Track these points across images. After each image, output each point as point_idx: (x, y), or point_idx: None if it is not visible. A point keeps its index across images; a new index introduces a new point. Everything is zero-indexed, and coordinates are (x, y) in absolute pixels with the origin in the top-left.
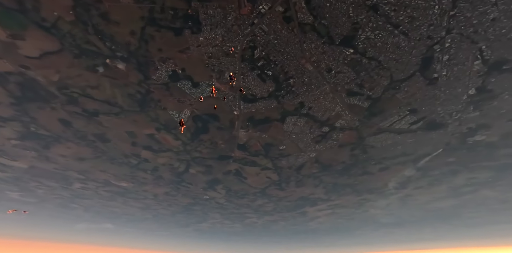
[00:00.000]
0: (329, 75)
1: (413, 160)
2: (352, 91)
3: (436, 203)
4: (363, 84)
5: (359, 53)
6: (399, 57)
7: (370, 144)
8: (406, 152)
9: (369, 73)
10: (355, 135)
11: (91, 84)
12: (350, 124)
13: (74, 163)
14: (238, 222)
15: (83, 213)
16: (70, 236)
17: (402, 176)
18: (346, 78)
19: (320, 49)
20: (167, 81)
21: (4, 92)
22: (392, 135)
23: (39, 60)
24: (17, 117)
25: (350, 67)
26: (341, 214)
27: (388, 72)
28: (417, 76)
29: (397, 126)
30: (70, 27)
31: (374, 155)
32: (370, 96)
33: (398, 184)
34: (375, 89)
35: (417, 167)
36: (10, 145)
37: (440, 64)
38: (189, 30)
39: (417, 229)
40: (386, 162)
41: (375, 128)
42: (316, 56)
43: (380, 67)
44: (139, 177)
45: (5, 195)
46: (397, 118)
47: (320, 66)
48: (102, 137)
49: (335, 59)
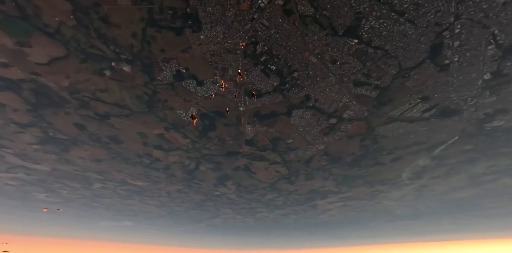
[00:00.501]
0: (334, 67)
1: (427, 149)
2: (359, 81)
3: (454, 193)
4: (370, 74)
5: (364, 43)
6: (407, 45)
7: (381, 133)
8: (420, 141)
9: (375, 62)
10: (364, 125)
11: (100, 88)
12: (359, 115)
13: (92, 164)
14: (250, 217)
15: (104, 212)
16: (95, 234)
17: (416, 166)
18: (352, 68)
19: (323, 41)
20: (172, 81)
21: (19, 100)
22: (404, 123)
23: (49, 66)
24: (35, 123)
25: (356, 58)
26: (353, 206)
27: (396, 61)
28: (427, 63)
29: (409, 115)
30: (73, 32)
31: (386, 145)
32: (378, 86)
33: (413, 174)
34: (383, 79)
35: (432, 156)
36: (31, 149)
37: (451, 51)
38: (190, 29)
39: (434, 221)
40: (399, 151)
41: (385, 117)
42: (320, 48)
43: (387, 56)
44: (152, 176)
45: (33, 196)
46: (408, 107)
47: (324, 58)
48: (115, 139)
49: (339, 50)
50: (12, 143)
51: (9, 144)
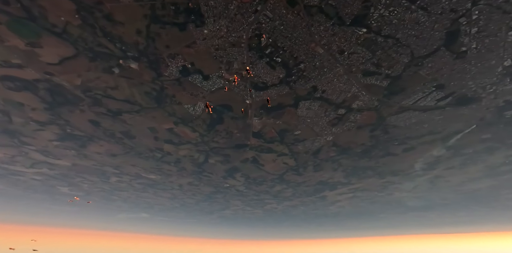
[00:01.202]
0: (342, 57)
1: (442, 139)
2: (368, 71)
3: (471, 184)
4: (380, 64)
5: (373, 32)
6: (420, 33)
7: (392, 123)
8: (434, 130)
9: (386, 51)
10: (374, 115)
11: (110, 85)
12: (369, 105)
13: (108, 159)
14: (259, 208)
15: (122, 204)
16: (114, 225)
17: (430, 156)
18: (361, 58)
19: (330, 31)
20: (179, 76)
21: (37, 99)
22: (417, 113)
23: (60, 66)
24: (53, 121)
25: (365, 47)
26: (363, 197)
27: (408, 49)
28: (442, 51)
29: (422, 103)
30: (80, 31)
31: (397, 135)
32: (389, 75)
33: (426, 165)
34: (394, 68)
35: (447, 145)
36: (52, 146)
37: (469, 37)
38: (193, 24)
39: (450, 213)
40: (411, 141)
41: (397, 107)
42: (326, 38)
43: (398, 44)
44: (164, 169)
45: (57, 189)
46: (422, 96)
47: (331, 49)
48: (128, 134)
49: (347, 40)
50: (34, 140)
51: (31, 141)
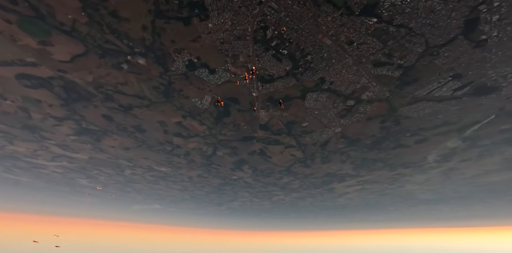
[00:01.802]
0: (351, 48)
1: (458, 130)
2: (379, 61)
3: (487, 176)
4: (392, 54)
5: (385, 21)
6: (435, 22)
7: (404, 114)
8: (449, 121)
9: (398, 41)
10: (385, 106)
11: (120, 81)
12: (379, 96)
13: (122, 152)
14: (266, 200)
15: (136, 196)
16: (130, 216)
17: (445, 148)
18: (371, 49)
19: (338, 22)
20: (185, 71)
21: (53, 96)
22: (431, 103)
23: (72, 63)
24: (69, 116)
25: (375, 37)
26: (372, 190)
27: (423, 39)
28: (460, 39)
29: (437, 94)
30: (87, 28)
31: (409, 126)
32: (401, 65)
33: (440, 157)
34: (407, 58)
35: (463, 137)
36: (70, 140)
37: (489, 25)
38: (197, 18)
39: (463, 206)
40: (425, 133)
41: (410, 98)
42: (334, 29)
43: (412, 34)
44: (174, 162)
45: (77, 182)
46: (437, 86)
47: (339, 40)
48: (139, 128)
49: (356, 30)
50: (53, 135)
51: (51, 135)
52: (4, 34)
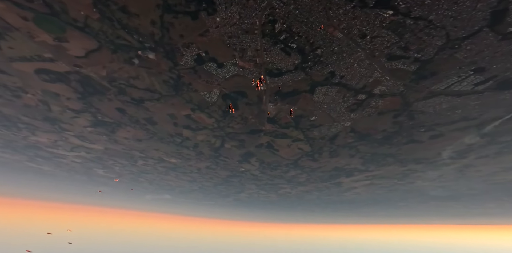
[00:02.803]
0: (364, 41)
1: (477, 125)
2: (394, 55)
3: (505, 174)
4: (408, 47)
5: (401, 14)
6: (458, 13)
7: (419, 109)
8: (468, 116)
9: (415, 34)
10: (398, 100)
11: (132, 75)
12: (393, 90)
13: (135, 144)
14: (273, 192)
15: (148, 186)
16: (142, 205)
17: (461, 144)
18: (386, 42)
19: (350, 15)
20: (194, 65)
21: (70, 89)
22: (449, 98)
23: (86, 58)
24: (86, 109)
25: (390, 30)
26: (381, 185)
27: (443, 31)
28: (485, 32)
29: (457, 88)
30: (100, 24)
31: (424, 121)
32: (418, 59)
33: (455, 153)
34: (425, 51)
35: (482, 133)
36: (87, 132)
37: None
38: (205, 12)
39: (477, 204)
40: (440, 128)
41: (426, 92)
42: (346, 22)
43: (431, 26)
44: (184, 154)
45: (94, 171)
46: (457, 80)
47: (351, 33)
48: (151, 120)
49: (370, 23)
50: (72, 126)
51: (69, 127)
52: (21, 31)
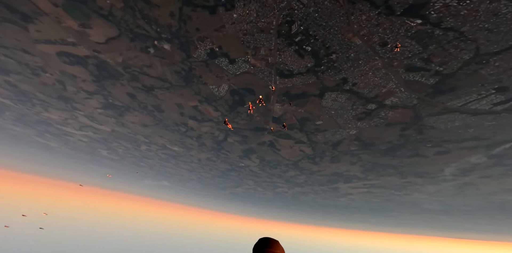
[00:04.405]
0: (383, 50)
1: (486, 146)
2: (413, 66)
3: (504, 194)
4: (431, 59)
5: (431, 24)
6: (495, 26)
7: (430, 124)
8: (480, 136)
9: (442, 46)
10: (410, 113)
11: (146, 63)
12: (405, 103)
13: (141, 129)
14: (270, 190)
15: (148, 171)
16: (139, 190)
17: (466, 162)
18: (407, 52)
19: (374, 21)
20: (206, 58)
21: (87, 72)
22: (464, 115)
23: (106, 45)
24: (99, 91)
25: (415, 40)
26: (378, 194)
27: (473, 45)
28: None
29: (474, 106)
30: (122, 13)
31: (433, 137)
32: (439, 72)
33: (458, 171)
34: (448, 64)
35: (490, 154)
36: (97, 113)
37: None
38: (223, 7)
39: (469, 219)
40: (448, 145)
41: (440, 107)
42: (367, 29)
43: (462, 38)
44: (187, 143)
45: (98, 151)
46: (476, 98)
47: (371, 40)
48: (158, 108)
49: (393, 31)
50: (83, 107)
51: (81, 107)
52: (51, 16)
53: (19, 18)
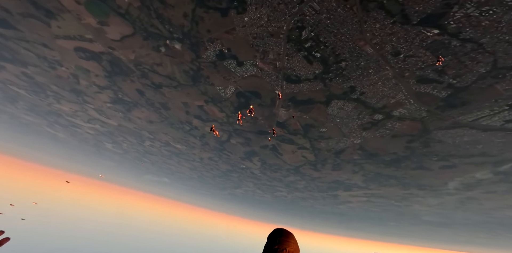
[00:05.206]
0: (396, 59)
1: (494, 163)
2: (426, 78)
3: (506, 210)
4: (446, 71)
5: (449, 34)
6: None
7: (437, 138)
8: (488, 153)
9: (458, 58)
10: (418, 126)
11: (156, 62)
12: (414, 115)
13: (146, 125)
14: (269, 193)
15: (150, 166)
16: (139, 184)
17: (471, 178)
18: (421, 63)
19: (388, 30)
20: (215, 60)
21: (100, 68)
22: (474, 131)
23: (120, 42)
24: (109, 87)
25: (429, 51)
26: (377, 203)
27: (491, 58)
28: None
29: (485, 122)
30: (138, 12)
31: (439, 151)
32: (452, 85)
33: (462, 185)
34: (462, 77)
35: (497, 170)
36: (106, 107)
37: None
38: (235, 10)
39: (467, 232)
40: (454, 159)
41: (450, 122)
42: (380, 37)
43: (480, 51)
44: (190, 142)
45: (103, 144)
46: (488, 113)
47: (383, 49)
48: (165, 105)
49: (408, 41)
50: (93, 100)
51: (91, 100)
52: (72, 13)
53: (44, 14)
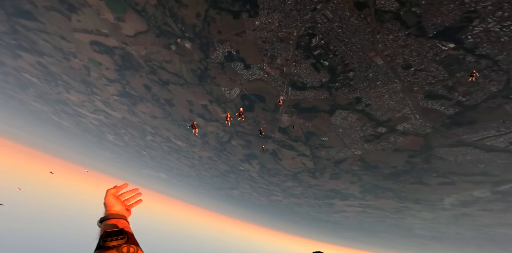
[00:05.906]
0: (406, 73)
1: (493, 182)
2: (435, 93)
3: (500, 228)
4: (456, 88)
5: (464, 49)
6: None
7: (439, 155)
8: (489, 172)
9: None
10: (421, 142)
11: (166, 59)
12: (418, 130)
13: (150, 119)
14: (265, 197)
15: (149, 161)
16: (135, 178)
17: (469, 195)
18: (431, 78)
19: (401, 42)
20: (223, 61)
21: (112, 61)
22: (477, 151)
23: (134, 38)
24: (118, 80)
25: (442, 65)
26: (372, 214)
27: (505, 76)
28: None
29: (489, 143)
30: (154, 10)
31: (440, 168)
32: (461, 103)
33: (459, 202)
34: (472, 95)
35: (496, 190)
36: (112, 99)
37: None
38: (247, 13)
39: (457, 247)
40: (454, 177)
41: (454, 140)
42: (392, 49)
43: (494, 68)
44: (191, 139)
45: (105, 136)
46: (494, 134)
47: (394, 61)
48: (170, 102)
49: (421, 54)
50: (101, 92)
51: (99, 92)
52: (93, 8)
53: (66, 8)
